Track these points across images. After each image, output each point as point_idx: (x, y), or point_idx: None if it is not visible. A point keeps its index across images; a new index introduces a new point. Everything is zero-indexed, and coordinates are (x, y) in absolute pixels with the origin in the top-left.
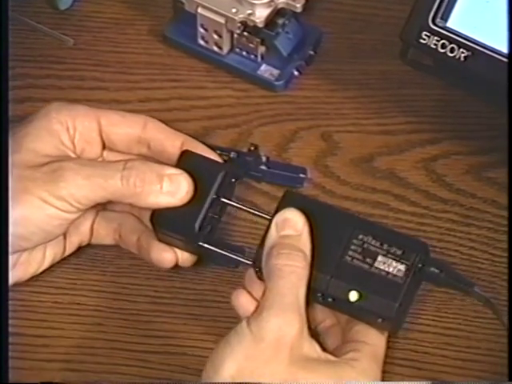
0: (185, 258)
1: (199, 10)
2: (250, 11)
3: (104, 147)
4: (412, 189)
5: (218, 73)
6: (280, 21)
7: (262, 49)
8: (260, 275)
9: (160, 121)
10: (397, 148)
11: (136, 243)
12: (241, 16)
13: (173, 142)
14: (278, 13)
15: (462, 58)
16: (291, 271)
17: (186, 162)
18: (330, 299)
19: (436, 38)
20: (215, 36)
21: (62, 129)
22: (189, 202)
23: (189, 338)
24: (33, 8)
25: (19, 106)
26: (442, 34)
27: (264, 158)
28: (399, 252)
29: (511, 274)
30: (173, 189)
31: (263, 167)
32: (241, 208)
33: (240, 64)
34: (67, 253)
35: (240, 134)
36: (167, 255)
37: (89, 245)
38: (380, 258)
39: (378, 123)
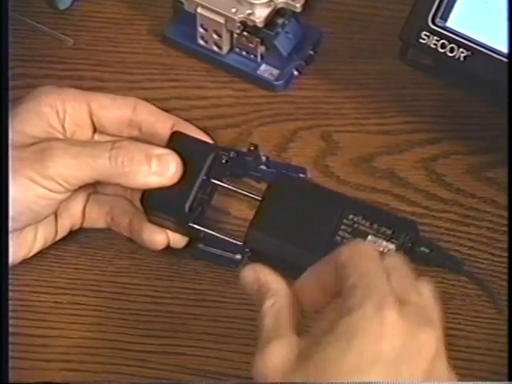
0: (176, 239)
1: (199, 9)
2: (249, 11)
3: (95, 130)
4: (412, 189)
5: (217, 73)
6: (280, 21)
7: (261, 49)
8: (251, 256)
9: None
10: (396, 148)
11: (128, 226)
12: (240, 16)
13: (163, 124)
14: (277, 13)
15: (461, 58)
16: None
17: (175, 142)
18: None
19: (436, 37)
20: (215, 36)
21: (51, 112)
22: (179, 183)
23: (188, 338)
24: (32, 8)
25: None
26: (442, 33)
27: (264, 158)
28: (389, 232)
29: (511, 274)
30: (161, 169)
31: (263, 167)
32: (231, 189)
33: (240, 64)
34: (59, 236)
35: (240, 134)
36: (159, 237)
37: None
38: (370, 237)
39: (377, 123)
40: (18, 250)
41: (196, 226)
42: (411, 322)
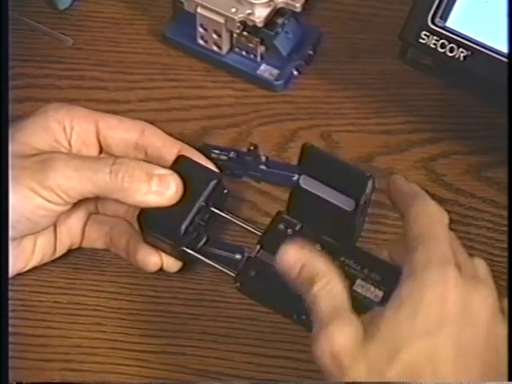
0: (170, 262)
1: (199, 9)
2: (249, 11)
3: (101, 151)
4: None
5: (217, 72)
6: (279, 20)
7: (261, 48)
8: (240, 288)
9: (160, 122)
10: (396, 148)
11: (125, 247)
12: (240, 16)
13: (170, 150)
14: (277, 12)
15: (461, 58)
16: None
17: (179, 165)
18: (303, 316)
19: (435, 37)
20: (215, 36)
21: (58, 127)
22: (177, 206)
23: (188, 337)
24: (32, 8)
25: (19, 106)
26: (442, 33)
27: (263, 158)
28: (378, 278)
29: (511, 274)
30: (161, 188)
31: (263, 167)
32: (230, 220)
33: (239, 64)
34: (57, 254)
35: (239, 134)
36: (152, 258)
37: (80, 248)
38: (359, 281)
39: (377, 123)
40: (15, 262)
41: (189, 251)
42: (470, 286)
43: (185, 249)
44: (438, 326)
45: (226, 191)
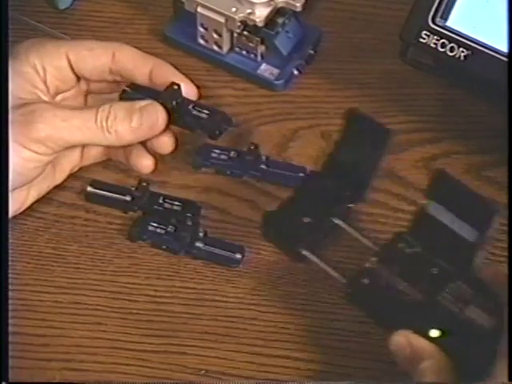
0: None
1: (199, 9)
2: (249, 10)
3: (78, 79)
4: (412, 188)
5: (217, 72)
6: (280, 20)
7: (261, 48)
8: (350, 294)
9: None
10: (397, 147)
11: (123, 152)
12: (241, 15)
13: (141, 70)
14: (277, 12)
15: (461, 57)
16: None
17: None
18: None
19: (436, 37)
20: (215, 35)
21: (32, 71)
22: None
23: (189, 337)
24: (32, 7)
25: None
26: (442, 33)
27: (264, 158)
28: (491, 306)
29: (511, 274)
30: (145, 121)
31: (263, 166)
32: (348, 232)
33: (240, 63)
34: (58, 181)
35: (240, 134)
36: (144, 161)
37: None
38: (472, 307)
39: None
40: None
41: (306, 253)
42: None
43: (301, 250)
44: None
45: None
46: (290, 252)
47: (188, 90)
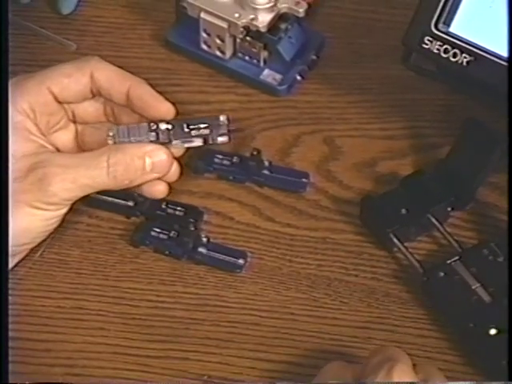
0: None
1: (202, 14)
2: (252, 16)
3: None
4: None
5: (220, 77)
6: (283, 26)
7: (264, 53)
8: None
9: None
10: (399, 152)
11: None
12: (243, 21)
13: (119, 89)
14: (280, 18)
15: (464, 63)
16: None
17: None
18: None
19: (439, 42)
20: (218, 41)
21: (23, 118)
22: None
23: (191, 342)
24: (35, 12)
25: None
26: (445, 38)
27: (266, 163)
28: None
29: (511, 274)
30: (156, 168)
31: (266, 172)
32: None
33: (242, 69)
34: None
35: (243, 139)
36: (158, 187)
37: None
38: None
39: (380, 128)
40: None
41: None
42: None
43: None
44: None
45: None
46: (379, 236)
47: (164, 110)
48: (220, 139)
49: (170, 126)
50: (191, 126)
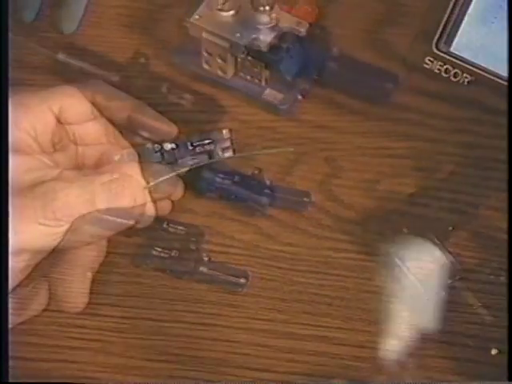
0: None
1: (204, 34)
2: (254, 36)
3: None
4: None
5: (222, 97)
6: (284, 45)
7: (266, 73)
8: None
9: None
10: (401, 172)
11: None
12: (245, 40)
13: (120, 113)
14: (282, 37)
15: (465, 83)
16: None
17: None
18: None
19: (440, 62)
20: (219, 60)
21: (26, 137)
22: None
23: (191, 361)
24: (37, 32)
25: None
26: (446, 58)
27: (268, 182)
28: None
29: (511, 274)
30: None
31: (267, 191)
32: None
33: (244, 88)
34: None
35: (244, 158)
36: (162, 204)
37: None
38: None
39: (382, 146)
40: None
41: None
42: None
43: None
44: None
45: None
46: (381, 255)
47: (166, 130)
48: (226, 154)
49: (174, 146)
50: (195, 143)
